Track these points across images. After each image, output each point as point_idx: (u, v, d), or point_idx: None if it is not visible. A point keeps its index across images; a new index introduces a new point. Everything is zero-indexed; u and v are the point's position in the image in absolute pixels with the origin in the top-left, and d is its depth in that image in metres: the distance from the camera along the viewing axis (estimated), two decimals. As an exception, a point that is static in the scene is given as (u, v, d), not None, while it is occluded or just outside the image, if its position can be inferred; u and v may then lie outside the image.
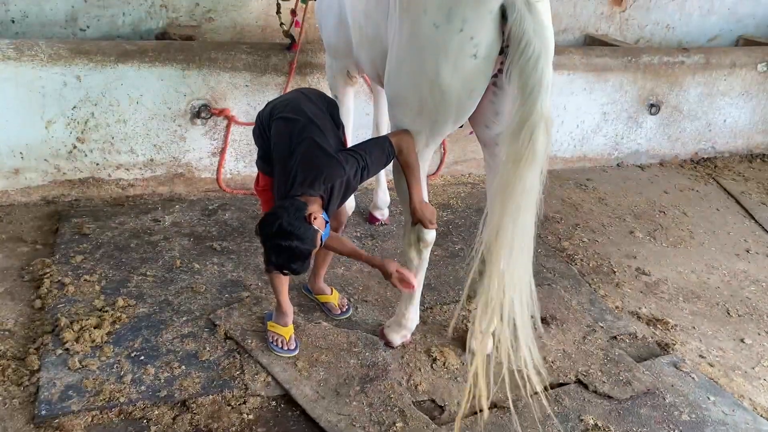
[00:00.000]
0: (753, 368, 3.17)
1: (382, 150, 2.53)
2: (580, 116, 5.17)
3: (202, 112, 4.05)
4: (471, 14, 2.25)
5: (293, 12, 4.08)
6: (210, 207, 4.08)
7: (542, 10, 2.28)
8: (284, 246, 2.28)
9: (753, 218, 4.76)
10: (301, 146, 2.47)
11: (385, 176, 4.03)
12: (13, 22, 4.80)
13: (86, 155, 3.95)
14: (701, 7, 7.21)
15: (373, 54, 2.80)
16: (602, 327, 3.30)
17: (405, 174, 2.61)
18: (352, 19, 2.94)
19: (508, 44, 2.30)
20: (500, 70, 2.39)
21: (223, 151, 4.19)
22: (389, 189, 4.09)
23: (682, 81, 5.37)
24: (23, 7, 4.80)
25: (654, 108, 5.33)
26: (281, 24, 4.17)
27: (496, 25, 2.27)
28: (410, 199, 2.63)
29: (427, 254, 2.86)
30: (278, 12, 4.19)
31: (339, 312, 3.20)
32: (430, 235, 2.79)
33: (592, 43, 6.42)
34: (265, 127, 2.66)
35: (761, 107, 5.84)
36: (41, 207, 3.90)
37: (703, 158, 5.79)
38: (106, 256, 3.45)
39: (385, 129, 3.83)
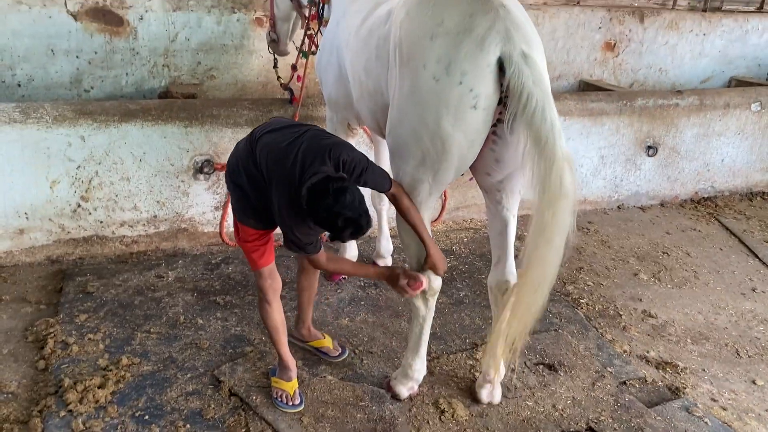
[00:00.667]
0: (767, 410, 3.12)
1: (383, 171, 2.61)
2: (578, 160, 5.22)
3: (205, 168, 4.10)
4: (470, 67, 2.32)
5: (294, 67, 4.17)
6: (213, 261, 4.09)
7: (538, 61, 2.35)
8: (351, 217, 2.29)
9: (757, 257, 4.75)
10: (304, 136, 2.51)
11: (387, 224, 4.06)
12: (19, 85, 4.92)
13: (90, 213, 3.98)
14: (692, 50, 7.38)
15: (374, 107, 2.86)
16: (611, 372, 3.26)
17: (411, 221, 2.64)
18: (353, 74, 3.01)
19: (506, 95, 2.36)
20: (499, 120, 2.45)
21: (225, 204, 4.22)
22: (392, 237, 4.10)
23: (678, 122, 5.43)
24: (29, 71, 4.93)
25: (651, 150, 5.38)
26: (278, 78, 4.27)
27: (495, 78, 2.34)
28: (426, 245, 2.68)
29: (433, 302, 2.85)
30: (275, 66, 4.32)
31: (337, 354, 3.19)
32: (437, 282, 2.79)
33: (587, 88, 6.54)
34: (252, 148, 2.58)
35: (758, 146, 5.89)
36: (45, 266, 3.91)
37: (703, 198, 5.81)
38: (110, 314, 3.44)
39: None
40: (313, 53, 3.95)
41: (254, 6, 5.38)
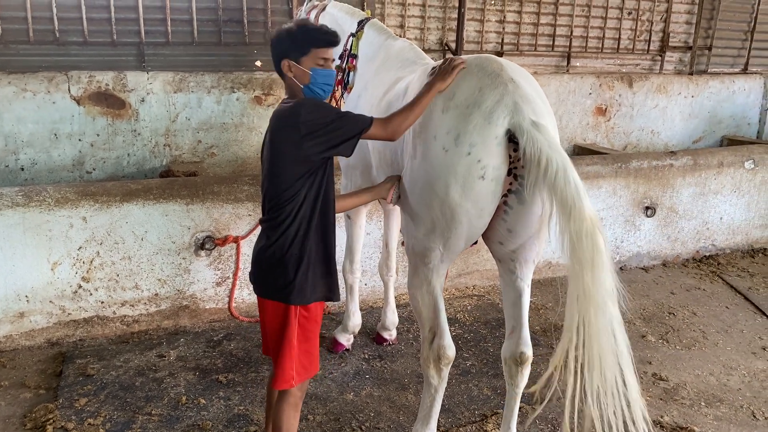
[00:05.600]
0: (789, 475, 3.01)
1: (357, 116, 2.52)
2: (577, 223, 5.23)
3: (207, 244, 4.11)
4: (478, 139, 2.38)
5: None
6: (215, 338, 4.05)
7: (550, 129, 2.42)
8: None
9: (764, 314, 4.69)
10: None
11: (393, 295, 4.03)
12: (22, 169, 5.00)
13: (91, 294, 3.97)
14: (682, 112, 7.56)
15: (391, 158, 2.91)
16: (626, 440, 3.16)
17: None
18: (373, 143, 3.08)
19: (516, 165, 2.42)
20: (510, 191, 2.49)
21: (235, 274, 4.22)
22: (397, 308, 4.07)
23: (674, 182, 5.50)
24: (32, 156, 5.03)
25: (650, 210, 5.42)
26: None
27: (503, 149, 2.40)
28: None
29: (446, 372, 2.78)
30: None
31: None
32: (451, 350, 2.74)
33: (581, 152, 6.66)
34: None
35: (755, 203, 5.94)
36: (45, 349, 3.86)
37: (705, 256, 5.81)
38: (110, 397, 3.37)
39: (394, 246, 3.89)
40: None
41: (253, 85, 5.55)
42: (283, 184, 2.43)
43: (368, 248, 4.45)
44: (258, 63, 5.66)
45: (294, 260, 2.46)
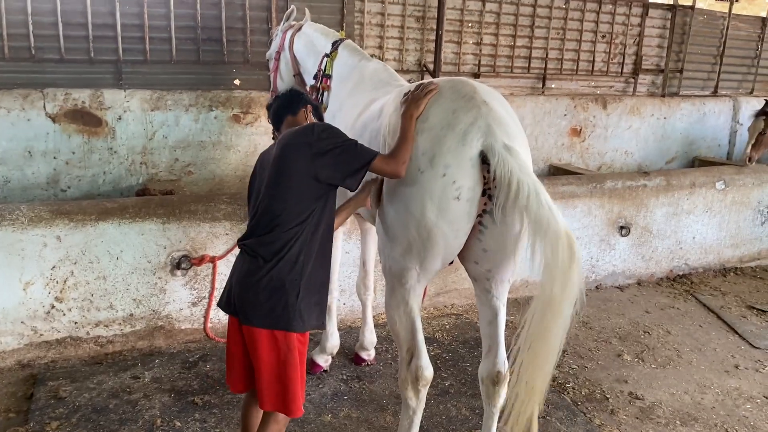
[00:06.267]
0: (763, 493, 3.05)
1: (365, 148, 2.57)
2: (554, 242, 5.29)
3: (183, 263, 4.07)
4: (452, 161, 2.42)
5: None
6: (191, 359, 3.99)
7: (522, 153, 2.45)
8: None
9: (736, 332, 4.77)
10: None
11: (371, 314, 4.02)
12: (-6, 188, 4.91)
13: (64, 314, 3.89)
14: (655, 133, 7.71)
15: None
16: (603, 459, 3.18)
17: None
18: None
19: (490, 186, 2.45)
20: (485, 211, 2.51)
21: (211, 294, 4.17)
22: (376, 327, 4.06)
23: (647, 203, 5.59)
24: (5, 173, 4.95)
25: (624, 230, 5.50)
26: None
27: (477, 170, 2.43)
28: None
29: (424, 394, 2.79)
30: (274, 138, 4.39)
31: None
32: (429, 370, 2.74)
33: (557, 172, 6.75)
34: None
35: (726, 223, 6.06)
36: (16, 371, 3.77)
37: (678, 275, 5.89)
38: (83, 420, 3.30)
39: (371, 265, 3.89)
40: None
41: (232, 104, 5.54)
42: (290, 203, 2.44)
43: (346, 267, 4.44)
44: (237, 81, 5.66)
45: (295, 286, 2.45)
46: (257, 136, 5.60)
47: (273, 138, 4.26)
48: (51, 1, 4.96)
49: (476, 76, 6.70)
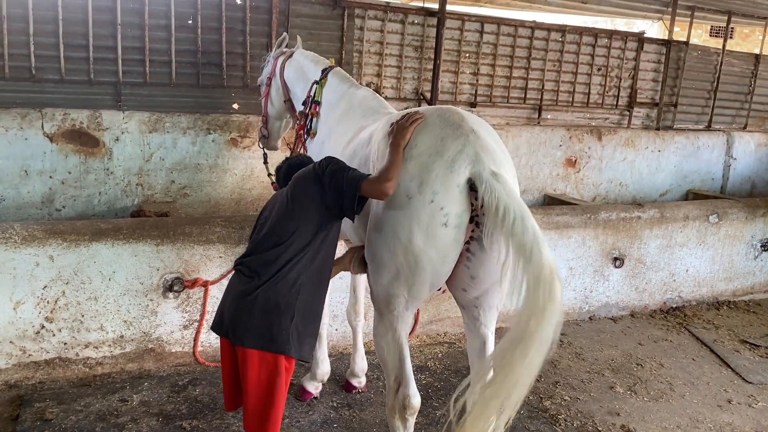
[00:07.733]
0: None
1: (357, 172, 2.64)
2: (548, 272, 5.29)
3: (175, 286, 4.05)
4: (440, 187, 2.43)
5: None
6: (180, 383, 3.95)
7: (509, 180, 2.47)
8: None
9: (729, 366, 4.76)
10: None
11: (362, 340, 4.00)
12: (-12, 206, 4.90)
13: (54, 335, 3.86)
14: (649, 165, 7.77)
15: (357, 222, 2.93)
16: (594, 493, 3.15)
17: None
18: None
19: (477, 213, 2.45)
20: (472, 238, 2.52)
21: (201, 318, 4.15)
22: (367, 354, 4.04)
23: (641, 234, 5.61)
24: (0, 192, 4.94)
25: (618, 261, 5.50)
26: (269, 174, 4.32)
27: (465, 197, 2.45)
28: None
29: (412, 422, 2.77)
30: (265, 162, 4.50)
31: None
32: (416, 399, 2.72)
33: (551, 202, 6.78)
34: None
35: (719, 256, 6.07)
36: (2, 392, 3.73)
37: (671, 308, 5.89)
38: (68, 443, 3.26)
39: (362, 291, 3.88)
40: None
41: (230, 127, 5.57)
42: (300, 224, 2.55)
43: (338, 293, 4.43)
44: (235, 105, 5.70)
45: (290, 308, 2.49)
46: (254, 160, 5.61)
47: (275, 190, 4.32)
48: (53, 22, 5.01)
49: (473, 105, 6.77)
